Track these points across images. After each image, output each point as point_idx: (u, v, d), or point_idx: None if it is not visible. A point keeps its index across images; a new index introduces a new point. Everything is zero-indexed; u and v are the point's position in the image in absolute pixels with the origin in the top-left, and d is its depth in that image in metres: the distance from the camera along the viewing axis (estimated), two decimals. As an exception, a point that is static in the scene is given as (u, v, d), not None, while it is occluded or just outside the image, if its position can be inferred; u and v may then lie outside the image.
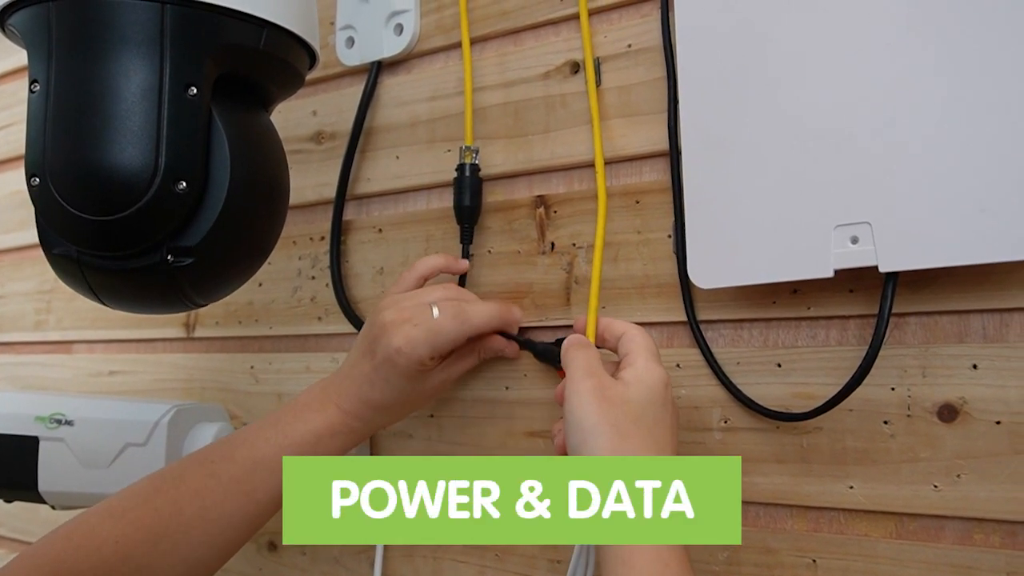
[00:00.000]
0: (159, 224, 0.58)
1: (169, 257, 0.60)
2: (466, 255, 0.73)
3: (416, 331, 0.63)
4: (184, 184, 0.59)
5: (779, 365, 0.62)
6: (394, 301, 0.66)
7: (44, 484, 0.77)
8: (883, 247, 0.55)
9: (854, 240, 0.56)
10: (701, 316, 0.65)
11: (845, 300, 0.60)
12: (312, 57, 0.69)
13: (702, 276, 0.61)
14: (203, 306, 0.67)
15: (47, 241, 0.63)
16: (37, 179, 0.59)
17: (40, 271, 1.09)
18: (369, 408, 0.65)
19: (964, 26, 0.53)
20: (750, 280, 0.60)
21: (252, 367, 0.88)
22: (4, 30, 0.63)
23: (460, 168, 0.73)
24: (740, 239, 0.60)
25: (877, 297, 0.58)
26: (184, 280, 0.61)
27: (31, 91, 0.60)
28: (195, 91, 0.59)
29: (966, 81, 0.53)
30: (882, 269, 0.55)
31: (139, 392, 0.96)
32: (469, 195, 0.73)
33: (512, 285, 0.73)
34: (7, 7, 0.60)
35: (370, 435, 0.70)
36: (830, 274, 0.56)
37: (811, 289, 0.61)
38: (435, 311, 0.64)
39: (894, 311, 0.58)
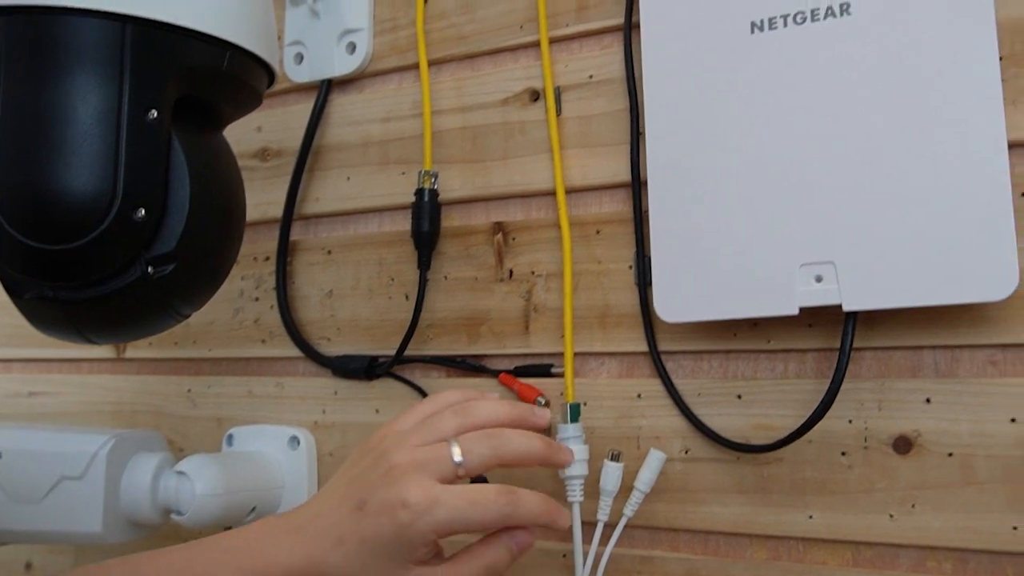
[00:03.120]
0: (119, 251, 0.56)
1: (150, 269, 0.57)
2: (423, 281, 0.72)
3: (443, 492, 0.49)
4: (143, 211, 0.56)
5: (739, 396, 0.64)
6: (400, 437, 0.52)
7: (-30, 520, 0.72)
8: (846, 287, 0.57)
9: (818, 279, 0.58)
10: (662, 347, 0.66)
11: (804, 334, 0.62)
12: (271, 76, 0.67)
13: (668, 310, 0.62)
14: (188, 316, 0.64)
15: (12, 287, 0.59)
16: (-13, 208, 0.56)
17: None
18: None
19: (925, 73, 0.56)
20: (716, 315, 0.61)
21: (189, 390, 0.85)
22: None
23: (419, 193, 0.73)
24: (706, 274, 0.61)
25: (835, 332, 0.60)
26: (169, 289, 0.59)
27: (-22, 112, 0.56)
28: (155, 114, 0.57)
29: (925, 128, 0.55)
30: (846, 308, 0.57)
31: (63, 415, 0.91)
32: (428, 221, 0.72)
33: (469, 312, 0.73)
34: (-48, 20, 0.56)
35: None
36: (795, 312, 0.58)
37: (771, 323, 0.63)
38: (456, 456, 0.51)
39: (853, 346, 0.60)
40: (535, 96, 0.72)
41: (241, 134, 0.84)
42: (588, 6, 0.70)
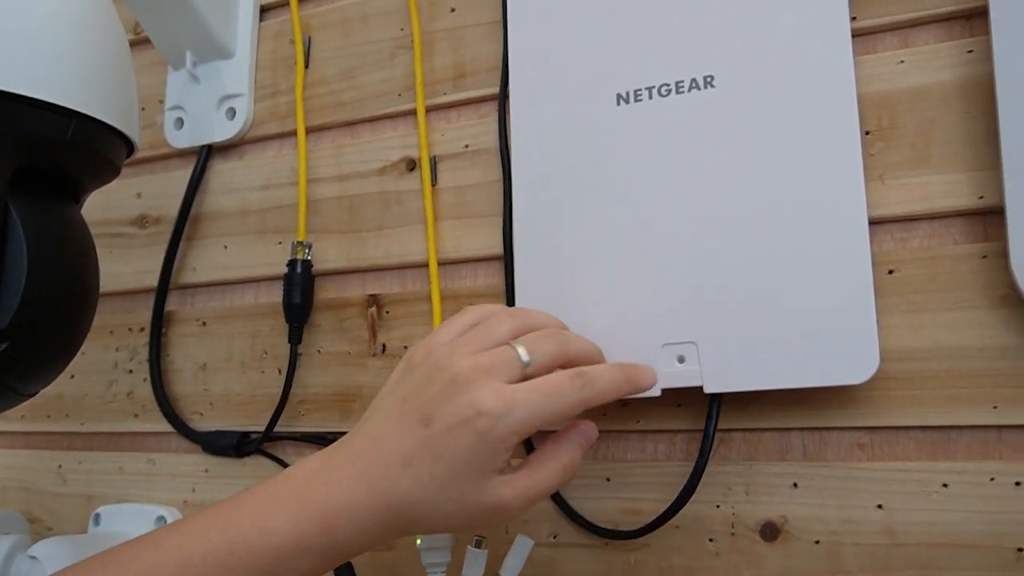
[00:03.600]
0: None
1: None
2: (294, 355, 0.70)
3: (517, 391, 0.44)
4: (-28, 288, 0.54)
5: (608, 479, 0.61)
6: (451, 347, 0.47)
7: None
8: (708, 368, 0.55)
9: (681, 359, 0.56)
10: (534, 425, 0.64)
11: (673, 415, 0.60)
12: (129, 146, 0.65)
13: (532, 389, 0.60)
14: (33, 394, 0.60)
15: None
16: None
17: None
18: (390, 512, 0.44)
19: (787, 148, 0.54)
20: (579, 395, 0.59)
21: (60, 466, 0.81)
22: None
23: (291, 264, 0.70)
24: (570, 352, 0.59)
25: (703, 413, 0.58)
26: (3, 368, 0.55)
27: None
28: (-13, 186, 0.54)
29: (785, 205, 0.54)
30: (707, 390, 0.55)
31: (-69, 489, 0.87)
32: (299, 293, 0.70)
33: (342, 388, 0.70)
34: None
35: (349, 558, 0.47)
36: (658, 394, 0.56)
37: (640, 403, 0.61)
38: (523, 356, 0.46)
39: (719, 427, 0.58)
40: (412, 165, 0.70)
41: (120, 200, 0.82)
42: (466, 74, 0.69)
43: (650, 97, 0.58)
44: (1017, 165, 0.51)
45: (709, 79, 0.57)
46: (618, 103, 0.59)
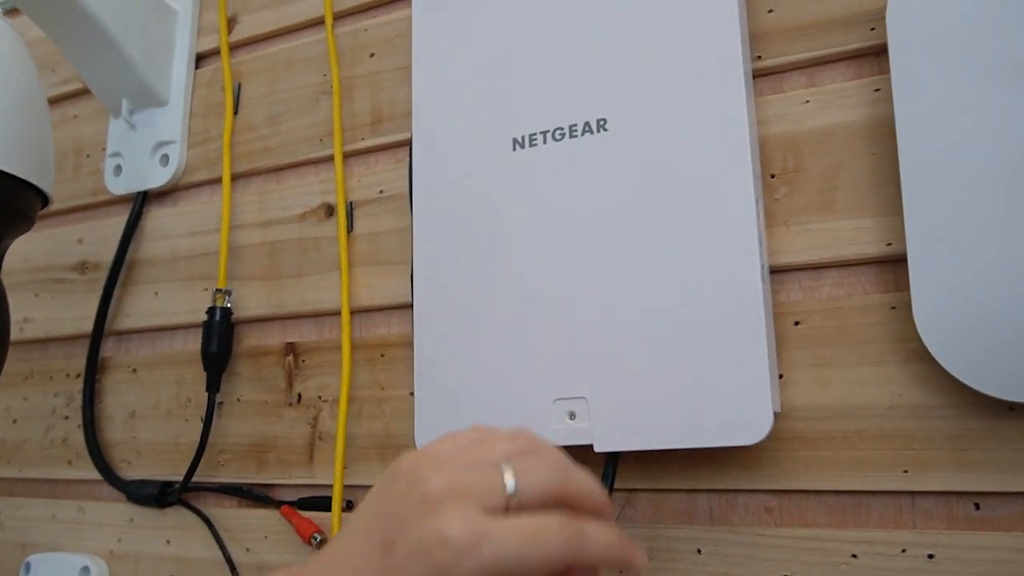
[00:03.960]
0: None
1: None
2: (211, 404, 0.68)
3: (492, 525, 0.37)
4: None
5: (511, 540, 0.58)
6: (438, 460, 0.41)
7: None
8: (599, 425, 0.52)
9: (572, 416, 0.53)
10: (441, 481, 0.61)
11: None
12: (44, 197, 0.64)
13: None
14: None
15: None
16: None
17: None
18: None
19: (678, 195, 0.52)
20: (472, 452, 0.56)
21: (-1, 513, 0.81)
22: None
23: (210, 311, 0.69)
24: (467, 407, 0.56)
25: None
26: None
27: None
28: None
29: (677, 254, 0.51)
30: (597, 449, 0.52)
31: None
32: (217, 341, 0.68)
33: (258, 438, 0.68)
34: None
35: None
36: (547, 451, 0.53)
37: (544, 459, 0.58)
38: (509, 482, 0.39)
39: (625, 486, 0.55)
40: (330, 212, 0.69)
41: (64, 246, 0.82)
42: (383, 119, 0.68)
43: (545, 142, 0.56)
44: (918, 210, 0.48)
45: (602, 123, 0.54)
46: (514, 148, 0.57)
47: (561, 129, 0.55)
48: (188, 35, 0.77)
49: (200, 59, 0.78)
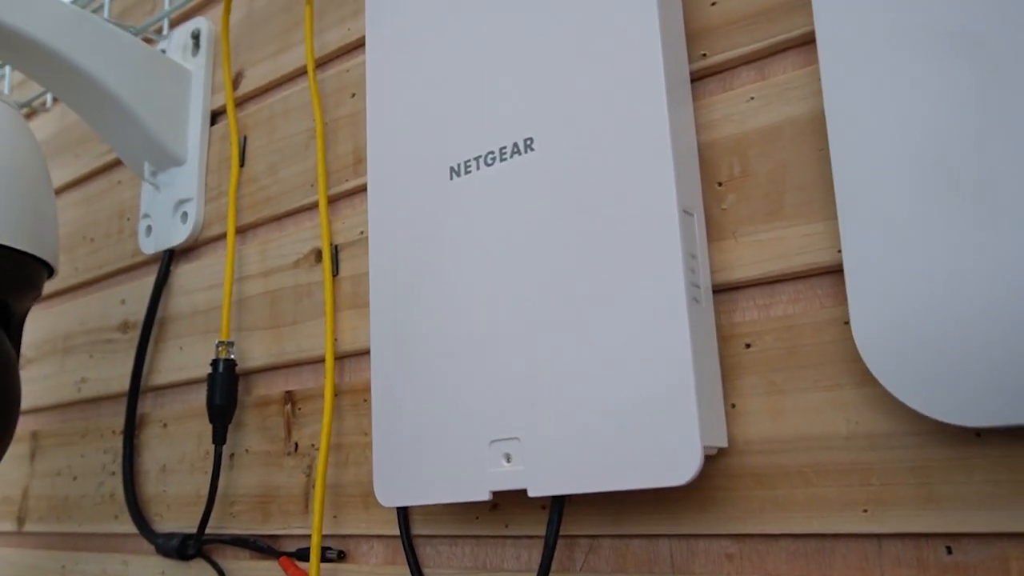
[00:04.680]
0: None
1: None
2: (218, 456, 0.69)
3: None
4: None
5: (480, 592, 0.55)
6: None
7: None
8: (532, 468, 0.48)
9: (507, 458, 0.49)
10: (420, 530, 0.59)
11: (541, 517, 0.53)
12: (49, 268, 0.68)
13: (384, 492, 0.55)
14: None
15: None
16: None
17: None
18: None
19: (604, 217, 0.47)
20: (421, 500, 0.53)
21: (63, 567, 0.85)
22: None
23: (214, 364, 0.70)
24: (415, 453, 0.54)
25: (573, 515, 0.51)
26: None
27: None
28: None
29: (603, 282, 0.47)
30: (531, 494, 0.48)
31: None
32: (220, 393, 0.69)
33: (263, 488, 0.68)
34: None
35: None
36: (487, 496, 0.49)
37: (508, 503, 0.54)
38: None
39: (588, 532, 0.51)
40: (320, 256, 0.68)
41: (109, 307, 0.85)
42: (363, 159, 0.67)
43: (478, 168, 0.53)
44: (852, 211, 0.42)
45: (529, 142, 0.51)
46: (451, 177, 0.54)
47: (492, 153, 0.52)
48: (202, 93, 0.79)
49: (215, 115, 0.80)
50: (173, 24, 0.85)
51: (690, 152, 0.48)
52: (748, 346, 0.47)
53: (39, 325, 0.94)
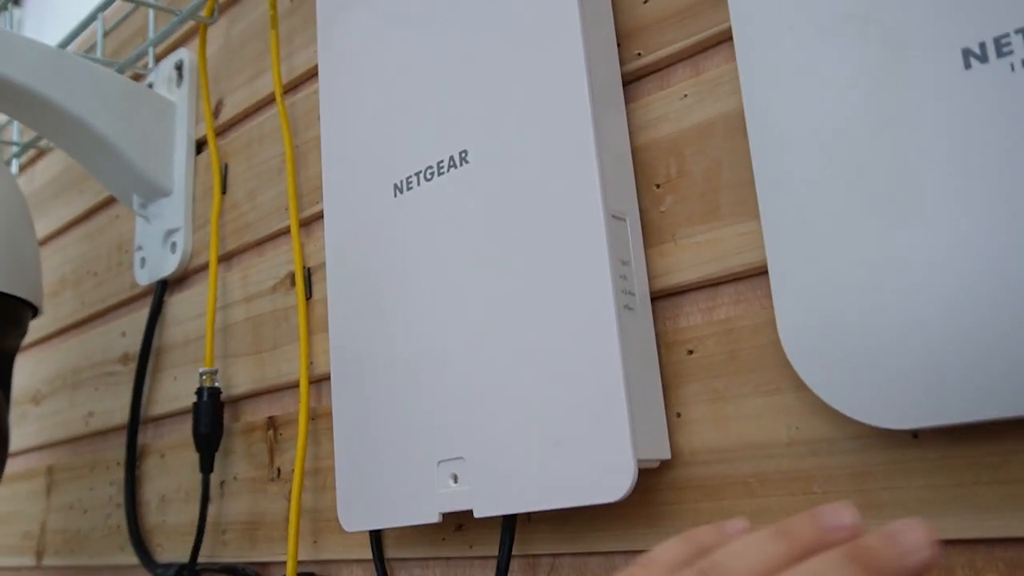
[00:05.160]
0: None
1: None
2: (206, 485, 0.69)
3: None
4: None
5: (446, 615, 0.54)
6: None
7: None
8: (478, 488, 0.47)
9: (455, 478, 0.48)
10: (394, 553, 0.58)
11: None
12: (33, 307, 0.69)
13: (346, 516, 0.54)
14: None
15: None
16: None
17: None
18: None
19: (533, 227, 0.46)
20: (379, 524, 0.53)
21: (77, 598, 0.86)
22: None
23: (199, 392, 0.70)
24: (374, 476, 0.53)
25: (532, 535, 0.50)
26: None
27: None
28: None
29: (535, 295, 0.46)
30: (477, 514, 0.47)
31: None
32: (205, 421, 0.69)
33: (250, 515, 0.68)
34: None
35: None
36: (437, 519, 0.49)
37: (472, 524, 0.53)
38: None
39: (549, 551, 0.49)
40: (294, 280, 0.68)
41: (110, 341, 0.87)
42: (330, 181, 0.66)
43: (419, 183, 0.52)
44: (773, 212, 0.40)
45: (464, 155, 0.50)
46: (395, 194, 0.54)
47: (431, 167, 0.52)
48: (186, 124, 0.80)
49: (200, 145, 0.81)
50: (159, 57, 0.86)
51: (621, 155, 0.47)
52: (691, 352, 0.45)
53: (51, 361, 0.96)
